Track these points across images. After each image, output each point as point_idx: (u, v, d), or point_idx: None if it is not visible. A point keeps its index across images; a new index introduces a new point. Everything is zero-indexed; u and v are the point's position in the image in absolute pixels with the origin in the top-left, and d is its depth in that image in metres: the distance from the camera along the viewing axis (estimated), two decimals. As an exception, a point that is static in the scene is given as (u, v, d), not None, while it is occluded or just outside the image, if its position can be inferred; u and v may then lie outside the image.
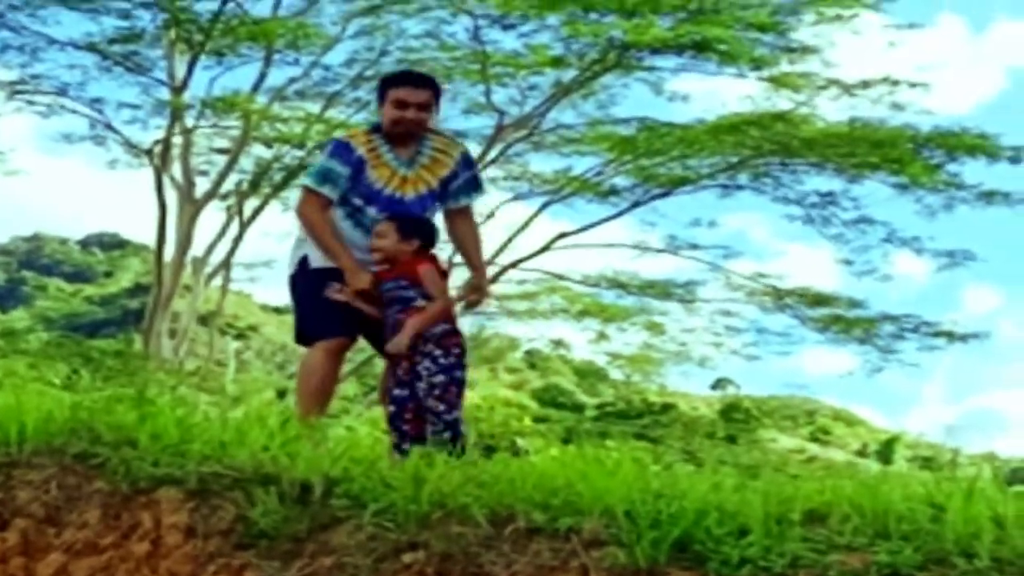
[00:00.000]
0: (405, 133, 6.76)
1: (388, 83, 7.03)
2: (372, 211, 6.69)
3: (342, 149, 6.82)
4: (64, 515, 4.60)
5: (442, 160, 6.86)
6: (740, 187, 29.40)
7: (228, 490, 4.53)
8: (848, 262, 29.38)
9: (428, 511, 4.38)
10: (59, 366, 17.84)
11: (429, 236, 6.71)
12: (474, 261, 6.99)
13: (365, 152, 6.76)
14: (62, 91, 29.02)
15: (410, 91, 6.82)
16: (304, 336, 6.81)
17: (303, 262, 6.79)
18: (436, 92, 6.96)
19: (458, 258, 7.65)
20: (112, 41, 27.84)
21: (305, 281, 6.75)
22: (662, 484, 4.80)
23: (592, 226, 29.79)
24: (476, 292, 6.91)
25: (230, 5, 26.64)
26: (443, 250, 7.44)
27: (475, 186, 7.06)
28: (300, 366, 6.95)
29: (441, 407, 6.26)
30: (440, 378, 6.31)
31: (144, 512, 4.52)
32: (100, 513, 4.55)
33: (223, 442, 4.88)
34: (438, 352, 6.35)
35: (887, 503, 4.29)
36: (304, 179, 7.03)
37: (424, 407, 6.31)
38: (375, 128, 6.92)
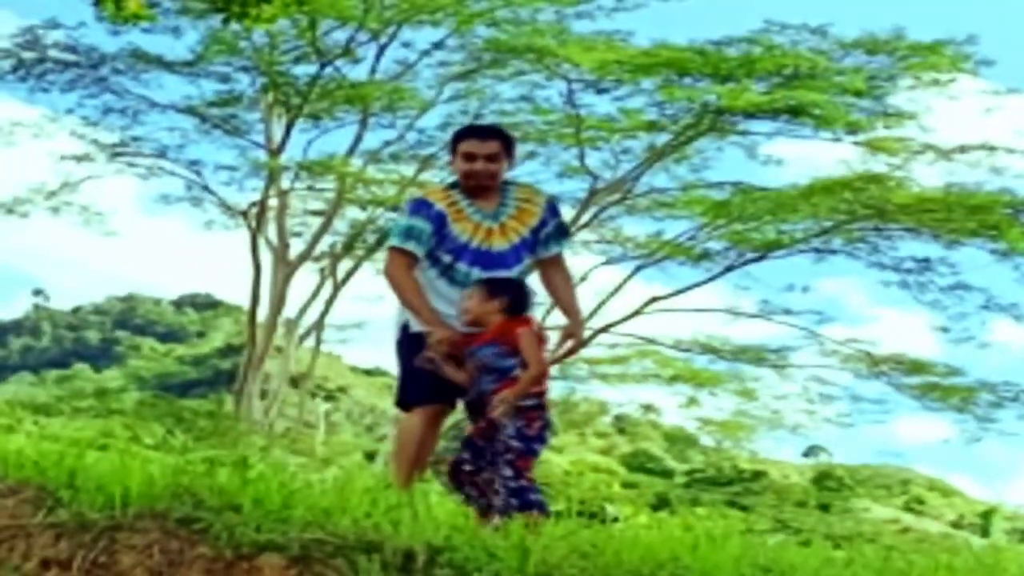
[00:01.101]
0: (480, 186, 6.68)
1: (457, 137, 6.96)
2: (462, 266, 6.62)
3: (421, 205, 6.74)
4: (167, 580, 4.56)
5: (528, 209, 6.79)
6: (834, 251, 29.14)
7: (331, 557, 4.46)
8: (945, 329, 29.03)
9: (534, 582, 4.29)
10: (154, 427, 17.94)
11: (519, 296, 6.53)
12: (570, 307, 6.82)
13: (445, 207, 6.68)
14: (162, 153, 29.53)
15: (477, 143, 6.75)
16: (403, 401, 6.77)
17: (405, 327, 6.75)
18: (505, 142, 6.83)
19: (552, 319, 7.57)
20: (211, 104, 28.30)
21: (405, 346, 6.71)
22: (769, 557, 4.69)
23: (685, 290, 29.68)
24: (572, 338, 6.78)
25: (328, 69, 26.98)
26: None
27: (564, 233, 6.94)
28: (398, 432, 6.91)
29: (509, 472, 6.08)
30: (517, 444, 6.13)
31: (247, 578, 4.48)
32: (203, 578, 4.52)
33: (325, 508, 4.83)
34: (521, 423, 6.20)
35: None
36: (389, 240, 6.98)
37: (494, 472, 6.16)
38: (453, 184, 6.86)
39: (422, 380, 6.53)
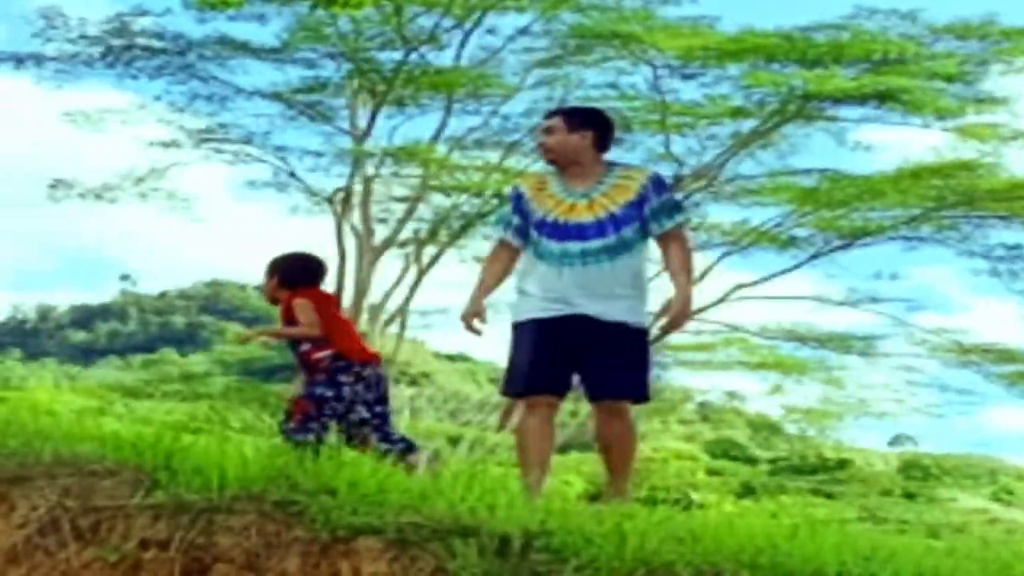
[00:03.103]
0: (553, 161, 6.97)
1: None
2: (544, 240, 6.79)
3: (512, 191, 7.19)
4: (264, 562, 4.60)
5: (624, 185, 6.83)
6: (923, 239, 28.83)
7: (426, 541, 4.48)
8: (1036, 317, 28.64)
9: (632, 568, 4.27)
10: (242, 410, 18.08)
11: (290, 268, 7.53)
12: (676, 284, 6.82)
13: (528, 188, 7.02)
14: (248, 139, 29.69)
15: (545, 121, 7.24)
16: (507, 390, 6.94)
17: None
18: (568, 116, 7.06)
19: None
20: (297, 91, 28.43)
21: (513, 335, 6.85)
22: (869, 546, 4.63)
23: (771, 277, 29.46)
24: (667, 314, 6.79)
25: (413, 56, 27.02)
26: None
27: (673, 209, 6.91)
28: (516, 434, 7.02)
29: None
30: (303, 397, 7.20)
31: (343, 561, 4.50)
32: (300, 561, 4.55)
33: (420, 492, 4.84)
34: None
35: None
36: None
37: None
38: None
39: (519, 369, 6.62)
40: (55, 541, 4.96)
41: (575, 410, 24.57)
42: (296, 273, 7.60)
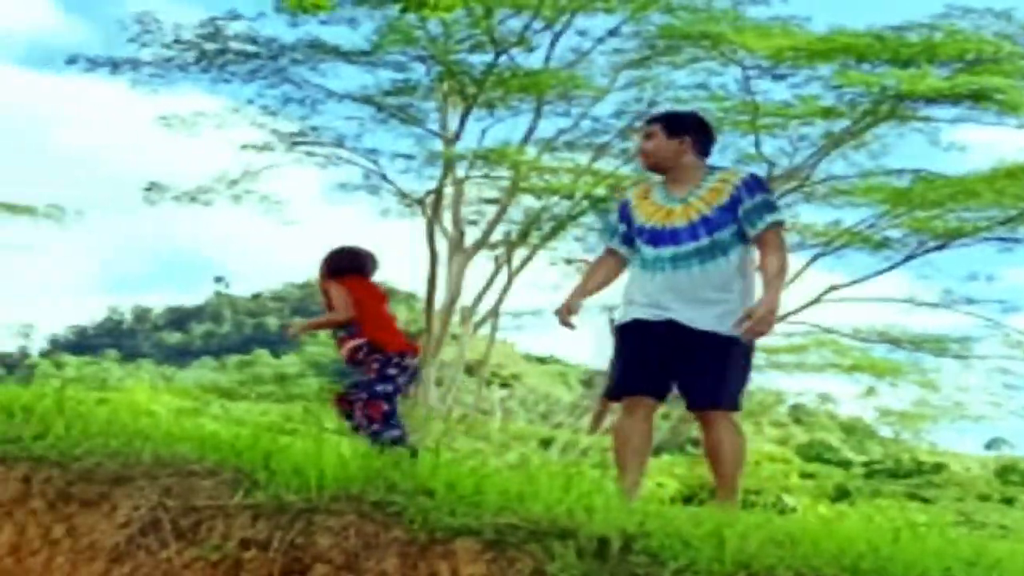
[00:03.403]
0: (651, 167, 7.03)
1: None
2: (643, 246, 6.82)
3: (619, 200, 7.38)
4: (362, 562, 4.62)
5: (719, 188, 6.77)
6: (1019, 240, 28.39)
7: (525, 543, 4.48)
8: None
9: (731, 571, 4.24)
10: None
11: (333, 260, 7.63)
12: (765, 287, 6.71)
13: (633, 197, 7.08)
14: (339, 142, 29.92)
15: (644, 127, 7.30)
16: (611, 392, 6.96)
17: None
18: (665, 122, 7.03)
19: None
20: (387, 93, 28.58)
21: (617, 338, 6.86)
22: (973, 552, 4.56)
23: (864, 279, 29.17)
24: (749, 319, 6.60)
25: (503, 58, 27.06)
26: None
27: (765, 209, 6.75)
28: (613, 434, 7.01)
29: (364, 421, 6.98)
30: (362, 394, 7.13)
31: (442, 562, 4.51)
32: (398, 562, 4.56)
33: (518, 494, 4.84)
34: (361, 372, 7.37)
35: None
36: None
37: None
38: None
39: (621, 371, 6.64)
40: (156, 540, 5.02)
41: (667, 412, 24.49)
42: (339, 264, 7.73)
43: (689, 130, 6.95)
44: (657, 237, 6.73)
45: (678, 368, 6.53)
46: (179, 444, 5.70)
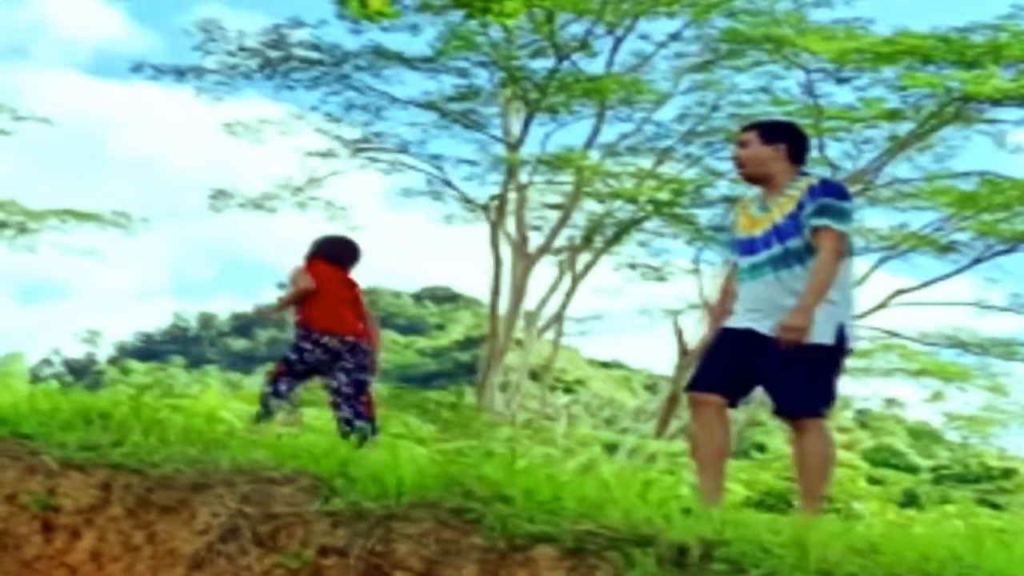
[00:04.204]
0: (754, 175, 6.89)
1: None
2: (736, 256, 6.89)
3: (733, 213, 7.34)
4: (442, 569, 4.62)
5: (792, 195, 6.70)
6: (1089, 244, 28.11)
7: (604, 550, 4.46)
8: None
9: (814, 580, 4.21)
10: (408, 417, 18.26)
11: (319, 247, 8.86)
12: (800, 296, 6.56)
13: (739, 208, 7.11)
14: (403, 148, 30.08)
15: (737, 136, 7.22)
16: (687, 385, 6.99)
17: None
18: (760, 129, 6.96)
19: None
20: (450, 99, 28.70)
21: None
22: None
23: (931, 283, 28.95)
24: (780, 330, 6.55)
25: (565, 63, 27.08)
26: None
27: (818, 213, 6.51)
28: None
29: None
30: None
31: (521, 569, 4.50)
32: (478, 568, 4.56)
33: (597, 500, 4.83)
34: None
35: None
36: None
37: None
38: None
39: (700, 368, 6.69)
40: (236, 548, 5.05)
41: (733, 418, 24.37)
42: (318, 249, 8.72)
43: (783, 137, 6.88)
44: (743, 247, 6.76)
45: (761, 376, 6.51)
46: (255, 451, 5.72)
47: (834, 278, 6.44)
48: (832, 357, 6.46)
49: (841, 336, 6.47)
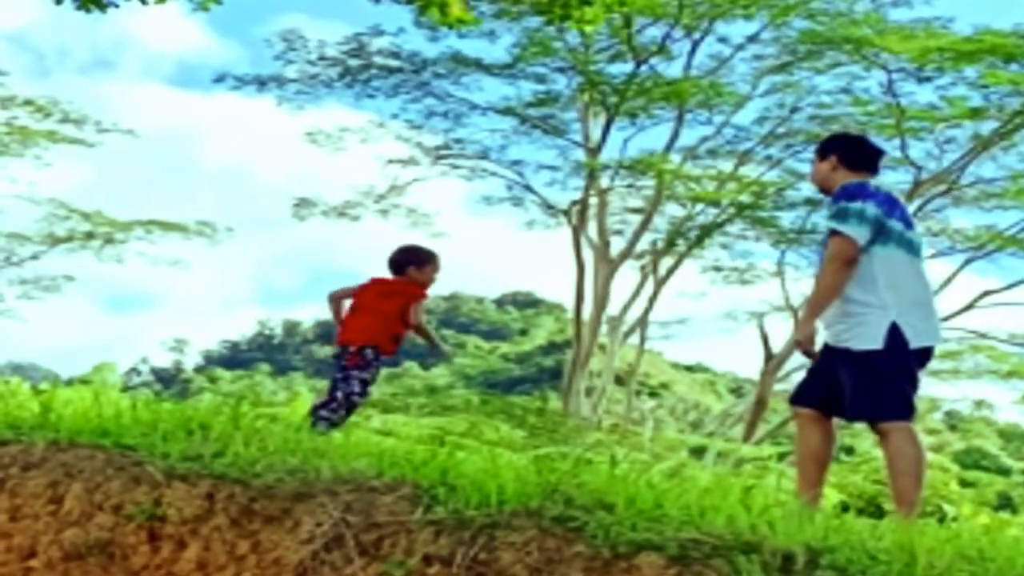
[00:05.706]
0: (827, 190, 6.95)
1: None
2: None
3: None
4: (547, 577, 4.63)
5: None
6: None
7: (709, 558, 4.45)
8: None
9: (923, 587, 4.18)
10: (498, 424, 18.29)
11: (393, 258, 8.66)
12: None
13: None
14: (483, 154, 30.16)
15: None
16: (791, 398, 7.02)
17: None
18: (818, 147, 7.18)
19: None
20: (529, 105, 28.73)
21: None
22: None
23: (1020, 283, 28.58)
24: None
25: (643, 67, 27.03)
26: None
27: (832, 215, 6.62)
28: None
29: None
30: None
31: (626, 577, 4.51)
32: (582, 576, 4.57)
33: (700, 508, 4.82)
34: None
35: None
36: None
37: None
38: None
39: (802, 384, 6.73)
40: (340, 557, 5.08)
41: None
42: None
43: (832, 148, 7.06)
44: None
45: (839, 385, 6.53)
46: (356, 460, 5.76)
47: (834, 280, 6.48)
48: (888, 360, 6.38)
49: (897, 337, 6.41)
